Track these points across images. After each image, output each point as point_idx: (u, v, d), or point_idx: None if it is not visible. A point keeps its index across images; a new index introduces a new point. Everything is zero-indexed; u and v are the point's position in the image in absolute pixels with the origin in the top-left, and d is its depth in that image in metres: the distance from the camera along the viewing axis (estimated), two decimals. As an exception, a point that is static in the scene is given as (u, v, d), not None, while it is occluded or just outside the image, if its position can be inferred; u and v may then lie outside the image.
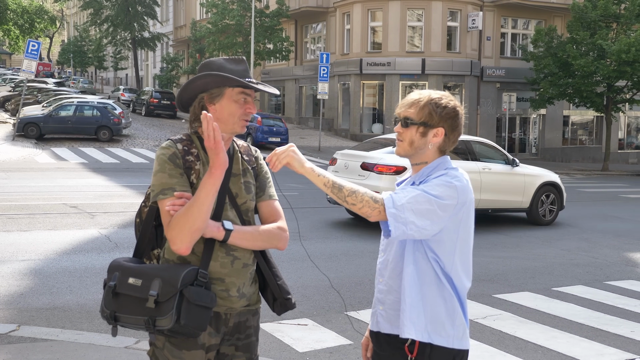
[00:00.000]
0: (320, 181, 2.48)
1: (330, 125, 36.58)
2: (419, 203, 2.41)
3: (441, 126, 2.55)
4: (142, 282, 2.52)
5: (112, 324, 2.61)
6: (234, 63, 2.67)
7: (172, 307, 2.45)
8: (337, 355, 5.55)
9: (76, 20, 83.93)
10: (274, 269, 2.83)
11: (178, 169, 2.58)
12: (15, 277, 7.49)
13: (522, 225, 13.14)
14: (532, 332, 6.44)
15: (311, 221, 12.02)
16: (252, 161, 2.81)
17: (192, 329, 2.50)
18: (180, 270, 2.51)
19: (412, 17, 33.28)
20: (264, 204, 2.77)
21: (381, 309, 2.65)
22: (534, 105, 32.32)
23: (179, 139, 2.68)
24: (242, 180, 2.72)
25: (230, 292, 2.66)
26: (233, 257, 2.65)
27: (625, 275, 9.23)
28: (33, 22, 43.34)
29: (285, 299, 2.84)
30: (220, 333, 2.68)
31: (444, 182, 2.48)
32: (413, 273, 2.52)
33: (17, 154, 21.82)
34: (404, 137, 2.58)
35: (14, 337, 5.45)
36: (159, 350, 2.64)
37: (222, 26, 36.82)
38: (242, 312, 2.74)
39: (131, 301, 2.54)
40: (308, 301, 7.08)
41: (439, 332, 2.52)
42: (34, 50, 25.52)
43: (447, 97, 2.59)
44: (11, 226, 10.31)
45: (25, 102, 31.00)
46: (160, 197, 2.54)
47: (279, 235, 2.72)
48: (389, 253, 2.63)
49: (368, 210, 2.43)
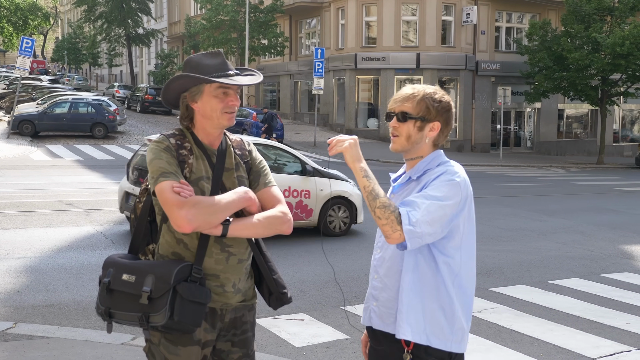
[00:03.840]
0: (362, 183, 2.48)
1: (325, 121, 36.65)
2: (431, 213, 2.41)
3: (437, 120, 2.56)
4: (136, 279, 2.52)
5: (107, 320, 2.61)
6: (210, 57, 2.68)
7: (166, 304, 2.45)
8: (333, 350, 5.57)
9: (70, 17, 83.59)
10: (269, 263, 2.82)
11: (174, 159, 2.59)
12: (12, 274, 7.50)
13: (517, 219, 13.16)
14: (528, 325, 6.46)
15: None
16: (245, 155, 2.81)
17: (186, 325, 2.50)
18: (173, 266, 2.51)
19: (406, 12, 33.34)
20: (261, 193, 2.75)
21: (374, 305, 2.66)
22: (528, 98, 32.47)
23: (171, 133, 2.69)
24: (234, 174, 2.72)
25: (225, 288, 2.65)
26: (228, 254, 2.64)
27: (620, 268, 9.28)
28: (27, 19, 43.22)
29: (281, 293, 2.83)
30: (216, 329, 2.68)
31: (447, 180, 2.49)
32: (413, 276, 2.52)
33: (12, 151, 21.84)
34: (401, 131, 2.57)
35: (11, 334, 5.46)
36: (155, 346, 2.64)
37: (217, 22, 36.90)
38: (237, 307, 2.73)
39: (125, 297, 2.54)
40: (304, 296, 7.09)
41: (437, 335, 2.52)
42: (28, 48, 25.63)
43: (441, 92, 2.60)
44: (7, 224, 10.34)
45: (20, 100, 31.07)
46: (161, 179, 2.52)
47: (281, 219, 2.69)
48: (386, 251, 2.62)
49: (389, 230, 2.41)
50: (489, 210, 13.88)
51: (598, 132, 34.81)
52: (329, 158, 2.74)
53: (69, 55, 68.09)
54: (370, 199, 2.44)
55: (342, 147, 2.50)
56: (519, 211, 14.26)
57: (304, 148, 28.20)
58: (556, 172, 27.18)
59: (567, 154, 37.27)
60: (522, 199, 16.79)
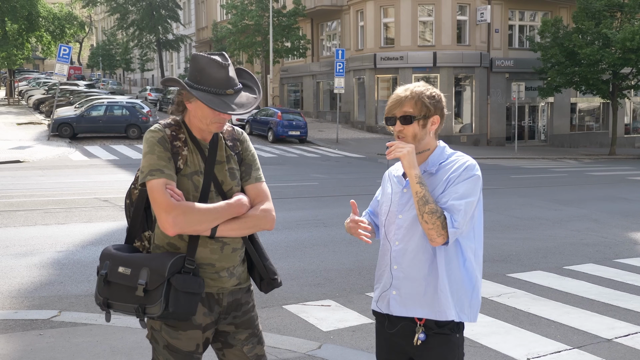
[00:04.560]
0: (415, 188, 2.60)
1: (347, 118, 37.17)
2: (467, 212, 2.61)
3: (436, 114, 2.70)
4: (131, 271, 2.56)
5: (105, 310, 2.66)
6: (216, 67, 2.59)
7: (161, 296, 2.49)
8: (359, 334, 5.67)
9: (104, 25, 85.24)
10: (261, 250, 2.86)
11: (167, 152, 2.59)
12: (55, 266, 7.66)
13: (533, 209, 13.24)
14: (545, 308, 6.51)
15: (332, 209, 12.30)
16: (236, 146, 2.80)
17: (181, 315, 2.56)
18: (167, 259, 2.55)
19: (422, 13, 33.77)
20: (250, 187, 2.76)
21: (394, 294, 2.75)
22: (542, 93, 32.56)
23: (167, 123, 2.70)
24: (226, 167, 2.72)
25: (220, 274, 2.69)
26: (222, 243, 2.67)
27: (633, 253, 9.32)
28: (63, 28, 44.74)
29: (271, 279, 2.85)
30: (215, 312, 2.71)
31: (470, 177, 2.65)
32: (443, 262, 2.66)
33: (52, 152, 22.27)
34: (406, 133, 2.68)
35: (56, 322, 5.60)
36: (157, 332, 2.70)
37: (242, 26, 37.60)
38: (234, 291, 2.76)
39: (122, 289, 2.58)
40: (330, 283, 7.23)
41: (463, 310, 2.70)
42: (65, 55, 25.87)
43: (428, 87, 2.74)
44: (49, 220, 10.57)
45: (59, 104, 31.44)
46: (148, 177, 2.54)
47: (264, 218, 2.72)
48: (408, 243, 2.71)
49: (434, 235, 2.57)
50: (506, 201, 14.04)
51: (610, 125, 34.73)
52: (387, 161, 3.34)
53: (103, 61, 69.73)
54: (420, 204, 2.58)
55: (400, 153, 2.61)
56: (534, 201, 14.32)
57: (327, 145, 28.77)
58: (569, 164, 27.17)
59: (579, 146, 37.26)
60: (537, 190, 16.85)
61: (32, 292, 6.68)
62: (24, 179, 16.26)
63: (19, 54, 43.78)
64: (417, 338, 2.67)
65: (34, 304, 6.31)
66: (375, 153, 26.47)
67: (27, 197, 13.18)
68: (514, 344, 5.54)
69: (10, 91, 48.61)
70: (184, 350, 2.67)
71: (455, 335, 2.70)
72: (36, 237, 9.28)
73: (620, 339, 5.70)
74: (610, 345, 5.58)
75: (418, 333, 2.67)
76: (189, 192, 2.62)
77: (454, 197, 2.59)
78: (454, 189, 2.61)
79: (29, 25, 42.32)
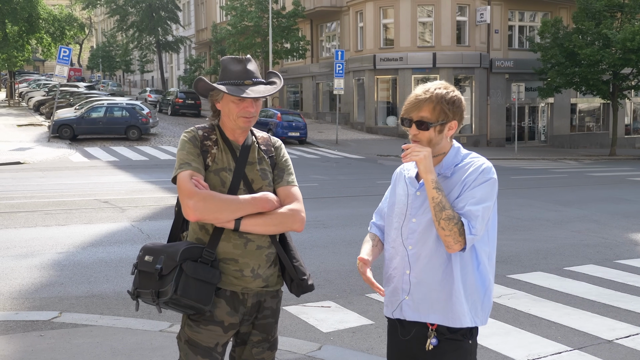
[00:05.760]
0: (432, 194, 2.53)
1: (346, 119, 37.26)
2: (485, 217, 2.55)
3: (455, 119, 2.62)
4: (153, 259, 2.67)
5: (134, 299, 2.77)
6: (235, 63, 2.77)
7: (172, 279, 2.57)
8: (359, 335, 5.67)
9: (104, 27, 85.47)
10: (291, 251, 2.85)
11: (196, 149, 2.72)
12: (55, 268, 7.65)
13: (533, 210, 13.18)
14: (545, 309, 6.49)
15: (332, 210, 12.27)
16: (270, 150, 2.89)
17: (192, 302, 2.59)
18: (181, 246, 2.64)
19: (422, 13, 33.84)
20: (282, 189, 2.81)
21: (407, 299, 2.68)
22: (542, 94, 32.61)
23: (202, 126, 2.86)
24: (257, 167, 2.80)
25: (244, 272, 2.70)
26: (246, 239, 2.70)
27: (634, 254, 9.28)
28: (63, 30, 44.85)
29: (300, 280, 2.83)
30: (239, 313, 2.74)
31: (487, 180, 2.59)
32: (458, 267, 2.61)
33: (53, 154, 22.32)
34: (422, 138, 2.61)
35: (57, 323, 5.61)
36: (182, 330, 2.79)
37: (242, 28, 37.65)
38: (259, 292, 2.77)
39: (146, 277, 2.70)
40: (330, 285, 7.23)
41: (477, 314, 2.66)
42: (65, 56, 25.94)
43: (450, 89, 2.62)
44: (50, 221, 10.54)
45: (59, 105, 31.42)
46: (177, 171, 2.67)
47: (292, 217, 2.73)
48: (421, 248, 2.65)
49: (451, 242, 2.52)
50: (506, 202, 13.94)
51: (610, 125, 34.81)
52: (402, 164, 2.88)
53: (103, 62, 69.84)
54: (437, 210, 2.51)
55: (417, 157, 2.54)
56: (534, 202, 14.28)
57: (326, 146, 28.75)
58: (570, 164, 27.11)
59: (580, 146, 37.32)
60: (537, 190, 16.79)
61: (33, 294, 6.69)
62: (24, 180, 16.25)
63: (19, 55, 43.85)
64: (429, 343, 2.64)
65: (35, 305, 6.32)
66: (375, 154, 26.51)
67: (27, 198, 13.19)
68: (514, 345, 5.53)
69: (10, 93, 48.75)
70: (203, 345, 2.70)
71: (467, 341, 2.66)
72: (36, 238, 9.27)
73: (621, 340, 5.70)
74: (611, 347, 5.57)
75: (430, 338, 2.63)
76: (215, 186, 2.70)
77: (471, 202, 2.54)
78: (471, 194, 2.56)
79: (29, 27, 42.41)
